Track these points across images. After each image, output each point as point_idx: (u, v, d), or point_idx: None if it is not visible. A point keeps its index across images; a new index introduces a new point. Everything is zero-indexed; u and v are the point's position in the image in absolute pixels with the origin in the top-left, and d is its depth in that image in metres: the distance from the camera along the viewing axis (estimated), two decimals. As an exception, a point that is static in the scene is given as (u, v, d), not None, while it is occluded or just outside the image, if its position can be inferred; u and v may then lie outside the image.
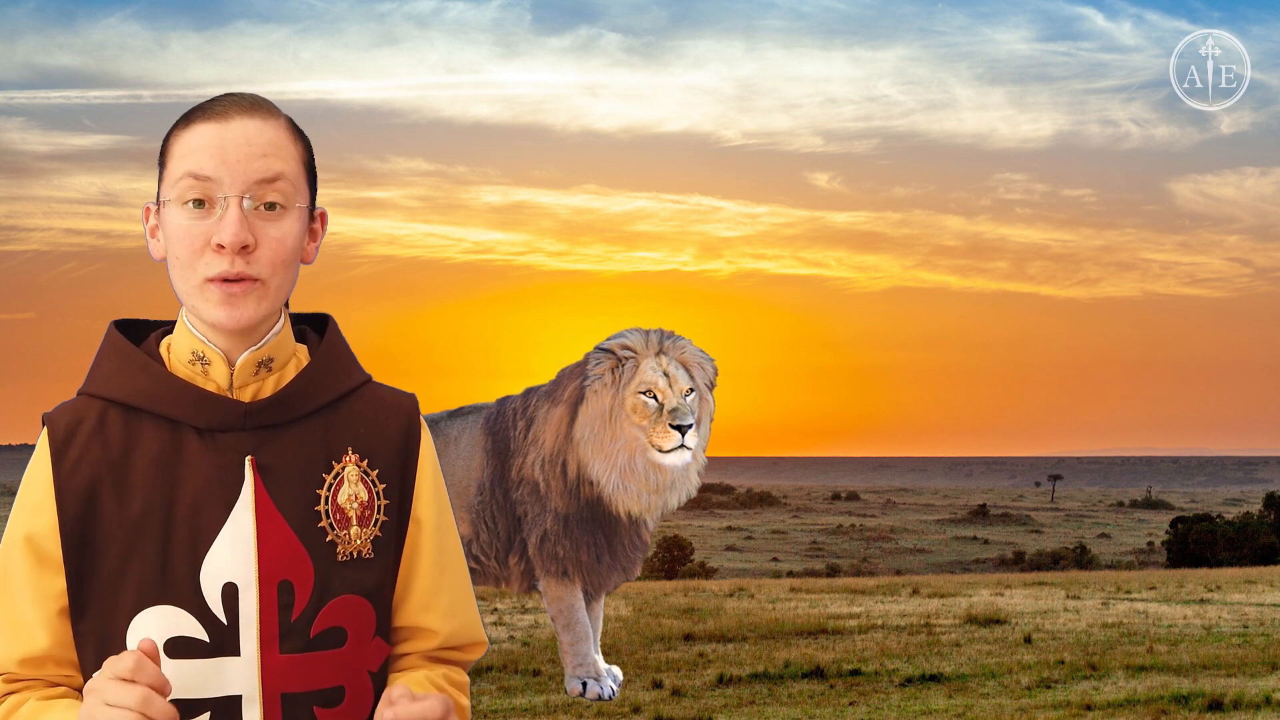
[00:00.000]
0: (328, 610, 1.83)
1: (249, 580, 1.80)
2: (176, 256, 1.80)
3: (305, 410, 1.86)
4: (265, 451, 1.83)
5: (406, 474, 1.91)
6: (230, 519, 1.81)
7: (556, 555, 7.59)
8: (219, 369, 1.84)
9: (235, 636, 1.80)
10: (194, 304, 1.81)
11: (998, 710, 7.23)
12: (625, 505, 7.47)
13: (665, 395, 7.37)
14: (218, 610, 1.80)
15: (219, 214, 1.79)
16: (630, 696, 7.68)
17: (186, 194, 1.79)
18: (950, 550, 48.64)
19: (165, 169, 1.83)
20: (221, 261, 1.78)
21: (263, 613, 1.80)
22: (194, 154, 1.79)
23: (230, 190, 1.79)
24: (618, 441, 7.44)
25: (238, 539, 1.81)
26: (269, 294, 1.81)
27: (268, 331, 1.86)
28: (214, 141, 1.79)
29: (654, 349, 7.42)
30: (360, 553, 1.86)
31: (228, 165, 1.78)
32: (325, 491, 1.85)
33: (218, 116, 1.81)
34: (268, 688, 1.80)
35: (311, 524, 1.84)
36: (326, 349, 1.92)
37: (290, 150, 1.83)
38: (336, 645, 1.83)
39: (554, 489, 7.56)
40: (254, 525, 1.81)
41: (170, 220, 1.81)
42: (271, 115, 1.83)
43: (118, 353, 1.87)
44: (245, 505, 1.81)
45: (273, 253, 1.80)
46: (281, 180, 1.81)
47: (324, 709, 1.83)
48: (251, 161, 1.79)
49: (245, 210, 1.79)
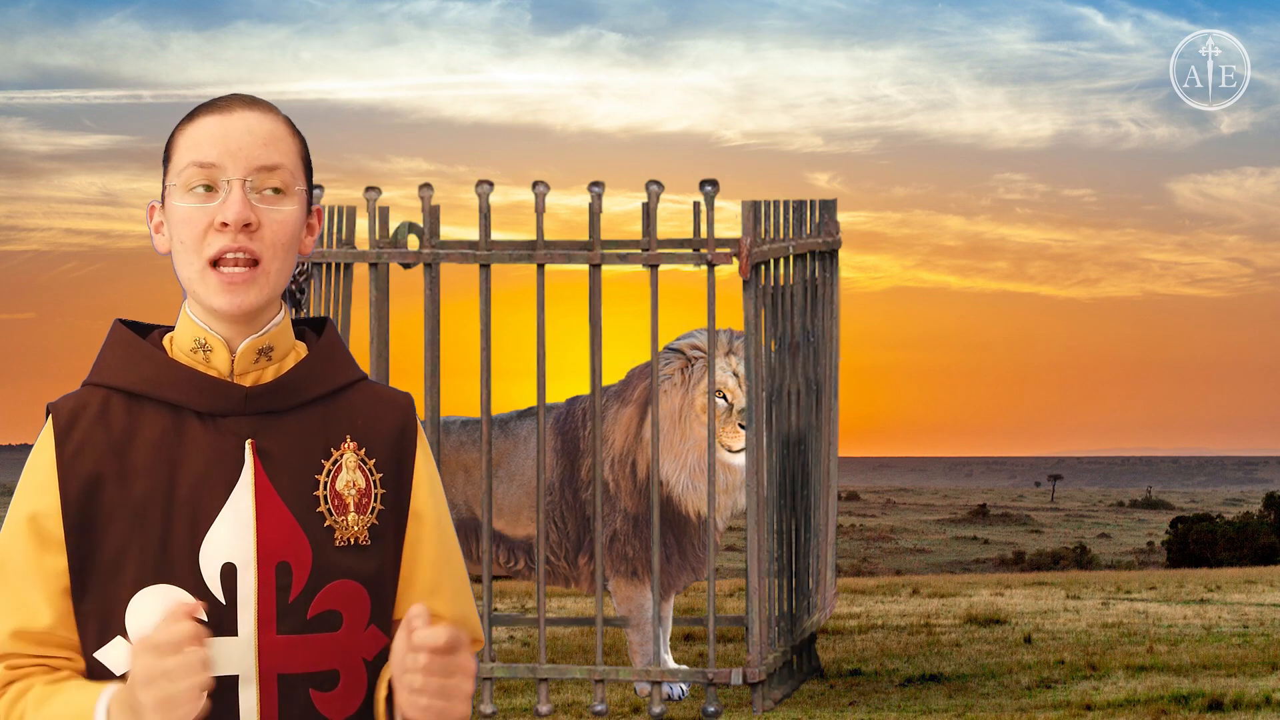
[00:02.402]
0: (324, 594, 1.87)
1: (247, 560, 1.85)
2: (181, 241, 1.88)
3: (304, 399, 1.92)
4: (265, 436, 1.89)
5: (403, 467, 1.96)
6: (230, 501, 1.86)
7: (626, 555, 7.64)
8: (220, 355, 1.90)
9: (233, 616, 1.84)
10: (197, 290, 1.87)
11: (998, 710, 7.23)
12: (695, 505, 7.51)
13: (735, 395, 7.41)
14: (216, 590, 1.84)
15: (222, 197, 1.86)
16: (630, 697, 7.68)
17: (192, 180, 1.87)
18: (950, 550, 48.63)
19: (170, 163, 1.90)
20: (224, 238, 1.85)
21: (260, 593, 1.85)
22: (198, 144, 1.88)
23: (233, 174, 1.86)
24: (687, 441, 7.49)
25: (237, 520, 1.85)
26: (269, 280, 1.87)
27: (268, 321, 1.91)
28: (217, 131, 1.87)
29: (724, 349, 7.47)
30: (357, 539, 1.90)
31: (230, 152, 1.86)
32: (323, 477, 1.90)
33: (220, 109, 1.90)
34: (264, 667, 1.84)
35: (310, 509, 1.88)
36: (325, 344, 1.98)
37: (289, 143, 1.91)
38: (332, 629, 1.87)
39: (624, 489, 7.60)
40: (253, 507, 1.86)
41: (175, 208, 1.88)
42: (271, 110, 1.92)
43: (122, 344, 1.93)
44: (245, 487, 1.86)
45: (274, 234, 1.87)
46: (281, 169, 1.88)
47: (319, 691, 1.87)
48: (254, 149, 1.87)
49: (247, 193, 1.86)
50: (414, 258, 7.46)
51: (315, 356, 1.96)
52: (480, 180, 7.35)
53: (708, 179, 7.31)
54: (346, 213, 7.78)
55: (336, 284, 7.75)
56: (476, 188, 7.39)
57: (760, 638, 7.17)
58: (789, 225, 7.71)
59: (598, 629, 7.28)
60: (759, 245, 7.24)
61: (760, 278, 7.25)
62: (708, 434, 7.23)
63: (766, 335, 7.34)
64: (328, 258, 7.58)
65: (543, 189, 7.34)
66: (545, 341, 7.33)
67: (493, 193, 7.40)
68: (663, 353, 7.52)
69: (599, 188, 7.29)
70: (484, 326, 7.33)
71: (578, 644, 9.19)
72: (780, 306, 7.52)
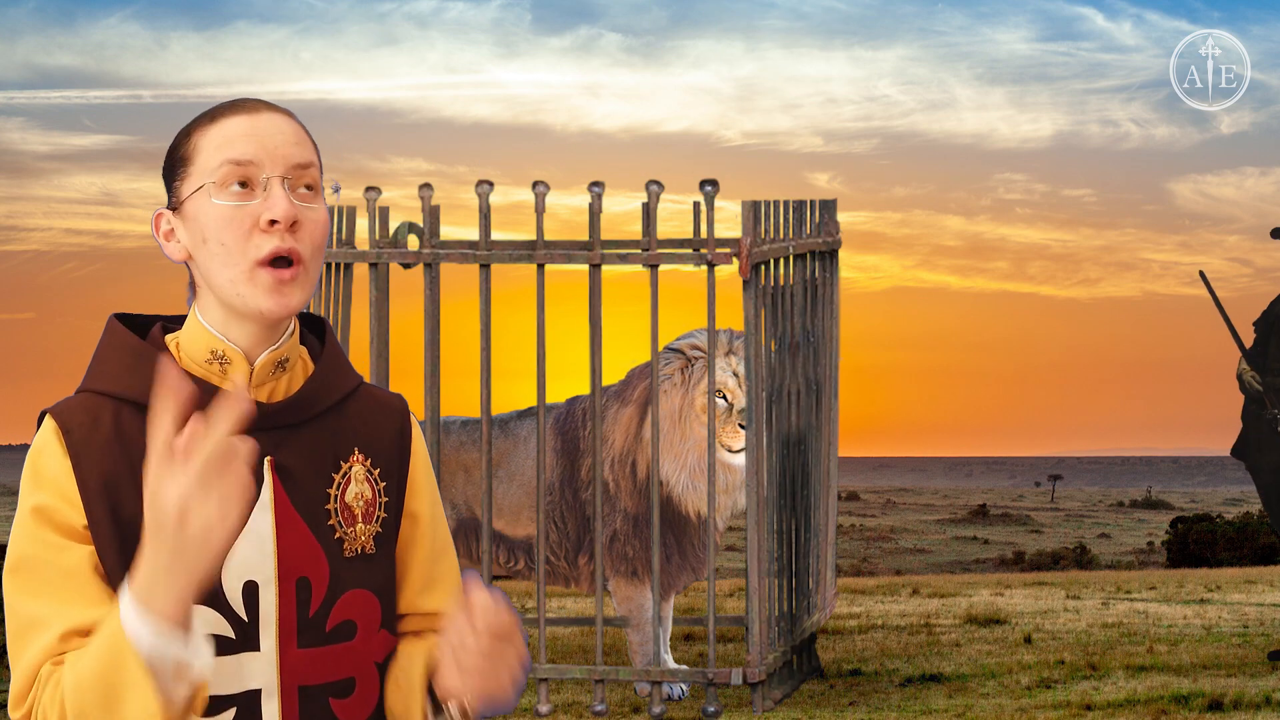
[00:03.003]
0: (340, 605, 1.88)
1: (268, 578, 1.85)
2: (222, 244, 1.81)
3: (316, 411, 1.91)
4: (281, 453, 1.88)
5: (402, 471, 1.97)
6: (250, 520, 1.84)
7: (626, 555, 7.63)
8: (239, 368, 1.87)
9: (255, 632, 1.84)
10: (241, 292, 1.81)
11: (998, 710, 7.23)
12: (695, 505, 7.51)
13: (735, 395, 7.41)
14: (238, 608, 1.84)
15: (262, 196, 1.81)
16: (630, 697, 7.68)
17: (229, 178, 1.81)
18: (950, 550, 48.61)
19: (192, 165, 1.84)
20: (272, 239, 1.81)
21: (281, 609, 1.85)
22: (231, 143, 1.83)
23: (271, 172, 1.82)
24: (687, 441, 7.49)
25: (258, 539, 1.85)
26: (309, 280, 1.85)
27: (284, 331, 1.89)
28: (249, 130, 1.83)
29: (724, 349, 7.47)
30: (364, 549, 1.91)
31: (266, 150, 1.82)
32: (334, 490, 1.90)
33: (246, 110, 1.85)
34: (286, 681, 1.85)
35: (322, 522, 1.89)
36: (330, 353, 1.96)
37: (311, 145, 1.88)
38: (348, 638, 1.89)
39: (624, 489, 7.60)
40: (273, 525, 1.85)
41: (207, 210, 1.82)
42: (290, 113, 1.88)
43: (128, 350, 1.87)
44: (264, 506, 1.86)
45: (312, 234, 1.84)
46: (313, 167, 1.86)
47: (337, 699, 1.89)
48: (288, 147, 1.84)
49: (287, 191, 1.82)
50: (414, 258, 7.46)
51: (324, 366, 1.94)
52: (480, 180, 7.36)
53: (708, 179, 7.31)
54: (346, 213, 7.78)
55: (336, 284, 7.75)
56: (476, 188, 7.39)
57: (760, 638, 7.17)
58: (789, 225, 7.71)
59: (598, 629, 7.28)
60: (759, 245, 7.25)
61: (760, 278, 7.25)
62: (708, 434, 7.23)
63: (766, 335, 7.34)
64: (328, 258, 7.58)
65: (543, 189, 7.34)
66: (545, 341, 7.33)
67: (493, 193, 7.40)
68: (663, 353, 7.52)
69: (599, 188, 7.29)
70: (484, 326, 7.33)
71: (578, 644, 9.19)
72: (780, 306, 7.52)
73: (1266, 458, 8.13)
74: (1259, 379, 8.12)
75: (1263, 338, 8.29)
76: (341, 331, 7.67)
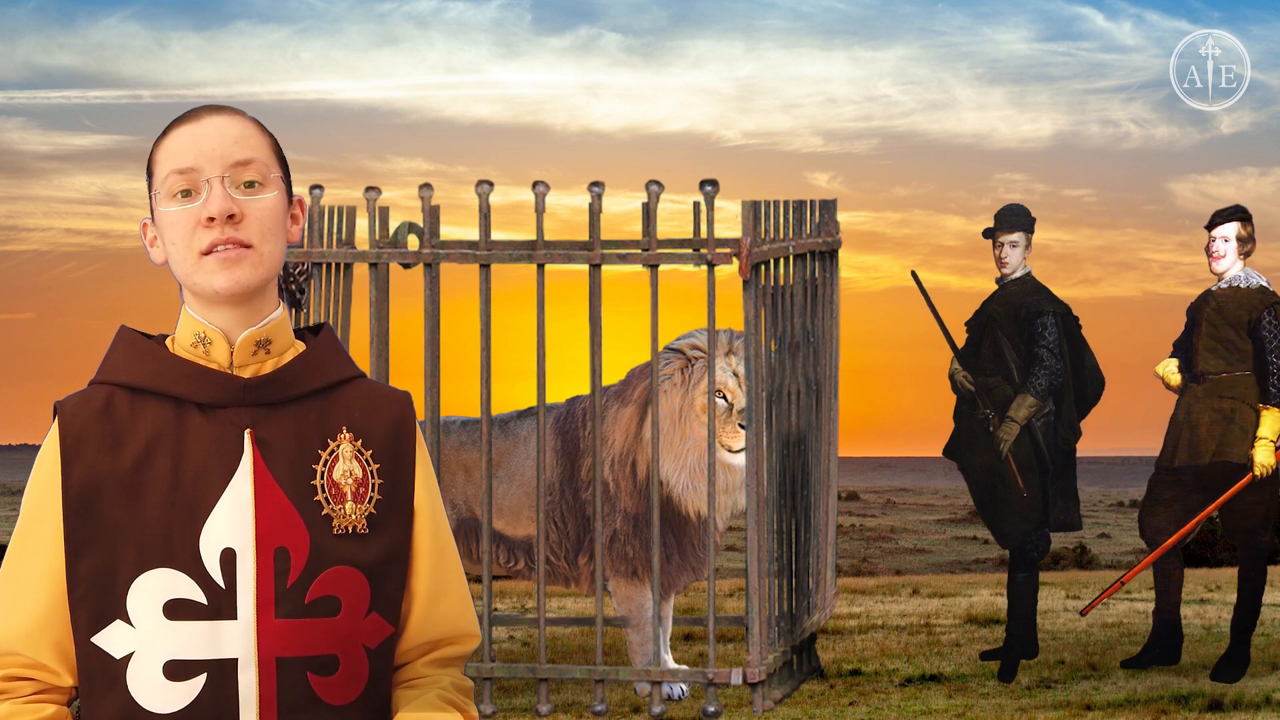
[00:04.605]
0: (322, 579, 1.93)
1: (246, 545, 1.91)
2: (173, 244, 1.96)
3: (302, 391, 1.99)
4: (263, 427, 1.96)
5: (402, 462, 2.02)
6: (229, 488, 1.92)
7: (626, 555, 7.63)
8: (220, 348, 1.97)
9: (233, 600, 1.90)
10: (195, 280, 1.95)
11: (998, 710, 7.23)
12: (695, 505, 7.50)
13: (735, 395, 7.41)
14: (216, 575, 1.91)
15: (203, 197, 1.93)
16: (630, 697, 7.68)
17: (174, 187, 1.95)
18: (950, 550, 48.60)
19: (153, 178, 1.99)
20: (212, 232, 1.93)
21: (259, 577, 1.91)
22: (175, 154, 1.96)
23: (211, 174, 1.94)
24: (687, 441, 7.48)
25: (236, 506, 1.92)
26: (262, 260, 1.95)
27: (266, 314, 1.99)
28: (191, 139, 1.97)
29: (724, 349, 7.47)
30: (355, 528, 1.96)
31: (205, 154, 1.95)
32: (320, 467, 1.96)
33: (190, 119, 1.99)
34: (263, 651, 1.90)
35: (308, 497, 1.95)
36: (323, 340, 2.05)
37: (259, 140, 1.99)
38: (330, 614, 1.93)
39: (624, 489, 7.59)
40: (252, 494, 1.92)
41: (163, 216, 1.96)
42: (239, 113, 2.01)
43: (126, 344, 2.01)
44: (244, 475, 1.93)
45: (258, 221, 1.95)
46: (255, 162, 1.96)
47: (317, 676, 1.92)
48: (226, 147, 1.95)
49: (227, 189, 1.94)
50: (414, 258, 7.45)
51: (313, 351, 2.03)
52: (480, 180, 7.35)
53: (708, 179, 7.30)
54: (346, 213, 7.78)
55: (336, 284, 7.75)
56: (476, 188, 7.39)
57: (760, 638, 7.17)
58: (789, 225, 7.70)
59: (598, 629, 7.28)
60: (759, 245, 7.24)
61: (760, 278, 7.25)
62: (708, 434, 7.22)
63: (766, 335, 7.34)
64: (328, 258, 7.57)
65: (543, 189, 7.33)
66: (545, 341, 7.32)
67: (493, 193, 7.40)
68: (663, 353, 7.51)
69: (599, 188, 7.29)
70: (484, 326, 7.33)
71: (578, 644, 9.19)
72: (780, 306, 7.52)
73: (978, 458, 8.12)
74: (971, 379, 8.11)
75: (975, 338, 8.26)
76: (341, 331, 7.67)
